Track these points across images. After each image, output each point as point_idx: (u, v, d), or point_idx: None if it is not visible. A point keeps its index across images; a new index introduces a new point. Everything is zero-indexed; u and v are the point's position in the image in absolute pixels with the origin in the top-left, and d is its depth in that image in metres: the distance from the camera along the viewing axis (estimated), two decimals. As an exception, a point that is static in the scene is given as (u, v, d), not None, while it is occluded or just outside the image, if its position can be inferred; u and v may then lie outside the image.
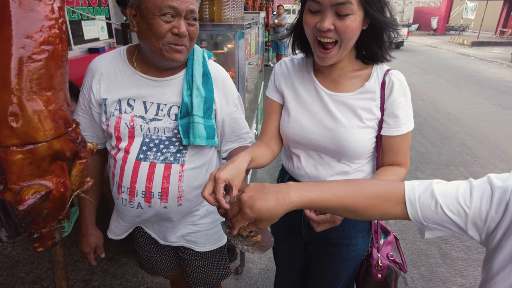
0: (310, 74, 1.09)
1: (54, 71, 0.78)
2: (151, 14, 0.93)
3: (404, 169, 1.07)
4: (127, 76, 1.09)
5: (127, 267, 2.30)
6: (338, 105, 1.03)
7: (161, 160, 1.09)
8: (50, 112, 0.78)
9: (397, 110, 1.00)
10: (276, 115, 1.15)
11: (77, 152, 0.87)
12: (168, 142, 1.10)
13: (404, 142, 1.04)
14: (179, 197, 1.14)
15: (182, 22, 0.96)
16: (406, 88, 1.01)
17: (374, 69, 1.03)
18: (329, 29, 0.88)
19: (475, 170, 4.03)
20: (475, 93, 7.74)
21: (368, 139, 1.03)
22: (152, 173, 1.09)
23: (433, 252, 2.65)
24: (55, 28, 0.77)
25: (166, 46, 0.97)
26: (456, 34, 21.66)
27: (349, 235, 1.16)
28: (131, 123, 1.08)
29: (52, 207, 0.84)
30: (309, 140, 1.07)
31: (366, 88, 1.01)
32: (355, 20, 0.88)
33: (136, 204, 1.12)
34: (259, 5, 6.68)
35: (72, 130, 0.84)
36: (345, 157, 1.06)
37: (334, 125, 1.03)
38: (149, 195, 1.10)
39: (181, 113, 1.07)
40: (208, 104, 1.10)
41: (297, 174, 1.16)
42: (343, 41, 0.90)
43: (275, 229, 1.35)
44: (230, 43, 2.17)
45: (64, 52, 0.82)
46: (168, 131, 1.10)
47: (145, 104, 1.08)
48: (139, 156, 1.08)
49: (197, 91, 1.07)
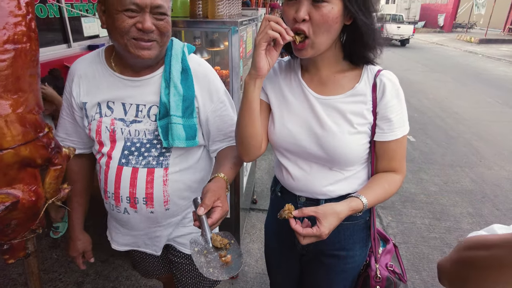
0: (297, 76, 1.02)
1: (22, 72, 0.72)
2: (115, 9, 0.88)
3: (400, 175, 1.01)
4: (105, 77, 1.04)
5: (121, 269, 2.26)
6: (327, 109, 0.96)
7: (143, 164, 1.04)
8: (17, 116, 0.72)
9: (391, 114, 0.93)
10: (263, 115, 1.07)
11: (50, 158, 0.81)
12: (150, 145, 1.05)
13: (399, 147, 0.97)
14: (165, 202, 1.08)
15: (147, 16, 0.89)
16: (399, 90, 0.94)
17: (364, 70, 0.96)
18: (305, 19, 0.83)
19: (481, 172, 3.94)
20: (482, 92, 7.60)
21: (360, 145, 0.96)
22: (135, 179, 1.04)
23: (436, 257, 2.57)
24: (21, 26, 0.71)
25: (131, 41, 0.91)
26: (463, 32, 21.35)
27: (345, 247, 1.09)
28: (111, 126, 1.03)
29: (22, 217, 0.79)
30: (298, 147, 1.01)
31: (357, 91, 0.94)
32: (332, 10, 0.82)
33: (123, 210, 1.09)
34: (262, 1, 6.60)
35: (43, 135, 0.79)
36: (336, 164, 0.99)
37: (323, 131, 0.96)
38: (134, 201, 1.06)
39: (160, 113, 1.01)
40: (188, 103, 1.03)
41: (288, 185, 1.10)
42: (316, 35, 0.85)
43: (269, 240, 1.30)
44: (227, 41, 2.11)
45: (34, 52, 0.76)
46: (149, 133, 1.04)
47: (124, 106, 1.03)
48: (121, 161, 1.04)
49: (175, 89, 1.01)
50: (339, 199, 1.03)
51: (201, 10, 1.61)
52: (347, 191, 1.03)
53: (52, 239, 2.53)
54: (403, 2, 24.62)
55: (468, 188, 3.60)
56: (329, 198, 1.04)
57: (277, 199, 1.18)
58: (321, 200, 1.05)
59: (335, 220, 0.86)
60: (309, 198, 1.07)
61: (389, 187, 0.98)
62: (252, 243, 2.61)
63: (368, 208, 0.93)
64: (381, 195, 0.96)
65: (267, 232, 1.31)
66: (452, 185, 3.66)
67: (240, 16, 1.99)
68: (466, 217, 3.10)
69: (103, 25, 0.95)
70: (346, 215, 0.88)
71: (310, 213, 0.85)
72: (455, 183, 3.69)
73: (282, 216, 0.86)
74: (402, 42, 16.28)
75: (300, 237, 0.86)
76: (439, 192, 3.52)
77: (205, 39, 2.12)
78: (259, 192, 3.32)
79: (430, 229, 2.91)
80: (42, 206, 0.84)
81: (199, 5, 1.60)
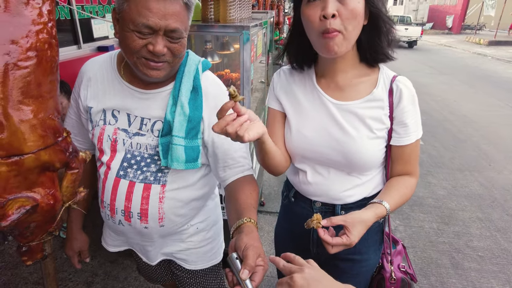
0: (312, 82, 1.02)
1: (42, 79, 0.74)
2: (126, 26, 0.84)
3: (414, 178, 1.03)
4: (113, 84, 1.02)
5: (130, 270, 2.28)
6: (345, 115, 0.97)
7: (140, 179, 1.01)
8: (38, 122, 0.74)
9: (407, 119, 0.95)
10: (280, 124, 1.09)
11: (68, 163, 0.83)
12: (150, 160, 1.01)
13: (413, 151, 1.00)
14: (160, 219, 1.05)
15: (159, 39, 0.85)
16: (414, 96, 0.96)
17: (380, 75, 0.97)
18: (334, 15, 0.80)
19: (490, 176, 3.89)
20: (491, 95, 7.51)
21: (379, 150, 0.98)
22: (131, 193, 1.01)
23: (444, 262, 2.55)
24: (43, 33, 0.73)
25: (141, 60, 0.88)
26: (472, 33, 21.13)
27: (360, 250, 1.10)
28: (114, 135, 1.01)
29: (40, 220, 0.80)
30: (316, 154, 1.01)
31: (374, 96, 0.96)
32: (358, 4, 0.82)
33: (117, 221, 1.06)
34: (270, 3, 6.60)
35: (62, 140, 0.80)
36: (355, 170, 1.00)
37: (343, 136, 0.96)
38: (128, 215, 1.03)
39: (163, 130, 0.97)
40: (193, 124, 0.98)
41: (304, 190, 1.10)
42: (347, 30, 0.83)
43: (281, 245, 1.29)
44: (237, 44, 2.12)
45: (54, 58, 0.77)
46: (150, 148, 1.01)
47: (129, 116, 1.00)
48: (119, 173, 1.01)
49: (181, 108, 0.96)
50: (355, 204, 1.05)
51: (212, 14, 1.63)
52: (362, 195, 1.05)
53: (62, 239, 2.56)
54: (411, 3, 24.47)
55: (477, 192, 3.57)
56: (345, 203, 1.05)
57: (290, 205, 1.18)
58: (337, 205, 1.06)
59: (363, 228, 0.86)
60: (324, 203, 1.08)
61: (407, 191, 1.00)
62: (260, 245, 2.61)
63: (389, 212, 0.94)
64: (400, 200, 0.97)
65: (278, 237, 1.31)
66: (460, 189, 3.63)
67: (250, 19, 2.00)
68: (475, 222, 3.07)
69: (116, 34, 0.92)
70: (372, 222, 0.88)
71: (340, 222, 0.85)
72: (464, 187, 3.66)
73: (310, 226, 0.86)
74: (409, 44, 16.17)
75: (329, 246, 0.85)
76: (448, 196, 3.50)
77: (216, 42, 2.14)
78: (267, 194, 3.32)
79: (439, 234, 2.89)
80: (59, 209, 0.85)
81: (210, 9, 1.62)
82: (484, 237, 2.85)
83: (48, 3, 0.75)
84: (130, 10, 0.82)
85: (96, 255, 2.37)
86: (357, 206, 1.03)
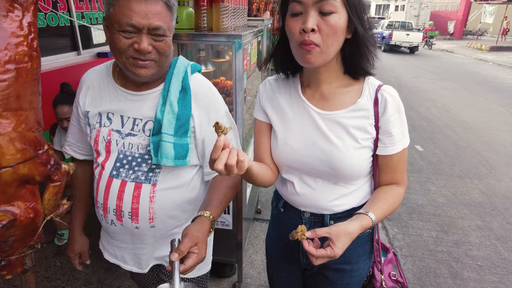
0: (297, 92, 1.02)
1: (22, 91, 0.73)
2: (114, 29, 0.91)
3: (402, 187, 1.03)
4: (109, 89, 1.08)
5: (124, 278, 2.26)
6: (330, 125, 0.97)
7: (131, 178, 1.04)
8: (17, 135, 0.73)
9: (392, 128, 0.95)
10: (266, 136, 1.09)
11: (49, 175, 0.82)
12: (141, 160, 1.05)
13: (400, 160, 0.99)
14: (151, 218, 1.07)
15: (143, 37, 0.91)
16: (399, 104, 0.96)
17: (366, 85, 0.97)
18: (313, 30, 0.82)
19: (491, 183, 3.86)
20: (492, 101, 7.48)
21: (365, 160, 0.98)
22: (122, 192, 1.04)
23: (443, 271, 2.52)
24: (23, 46, 0.72)
25: (129, 60, 0.93)
26: (474, 39, 21.13)
27: (350, 260, 1.09)
28: (108, 137, 1.05)
29: (20, 234, 0.79)
30: (302, 164, 1.01)
31: (359, 106, 0.95)
32: (340, 19, 0.82)
33: (110, 221, 1.09)
34: (270, 9, 6.62)
35: (43, 153, 0.79)
36: (341, 179, 1.00)
37: (328, 146, 0.96)
38: (120, 214, 1.06)
39: (154, 129, 1.02)
40: (182, 122, 1.02)
41: (292, 200, 1.10)
42: (326, 44, 0.84)
43: (272, 254, 1.29)
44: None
45: (36, 70, 0.77)
46: (142, 148, 1.04)
47: (122, 118, 1.05)
48: (112, 172, 1.05)
49: (170, 107, 1.01)
50: (344, 213, 1.04)
51: (205, 22, 1.62)
52: (351, 205, 1.04)
53: (57, 246, 2.55)
54: (413, 9, 24.55)
55: (477, 200, 3.53)
56: (334, 213, 1.04)
57: (280, 215, 1.18)
58: (326, 215, 1.05)
59: (348, 240, 0.85)
60: (313, 214, 1.07)
61: (394, 201, 0.99)
62: (256, 254, 2.59)
63: (376, 223, 0.93)
64: (387, 210, 0.97)
65: (269, 246, 1.30)
66: (460, 196, 3.59)
67: (245, 27, 2.00)
68: (475, 230, 3.03)
69: (107, 41, 0.97)
70: (357, 234, 0.88)
71: (323, 234, 0.84)
72: (463, 195, 3.62)
73: (295, 237, 0.85)
74: (411, 49, 16.15)
75: (313, 258, 0.85)
76: (447, 204, 3.46)
77: (211, 51, 2.13)
78: (264, 201, 3.30)
79: (437, 242, 2.86)
80: (40, 222, 0.84)
81: (203, 18, 1.61)
82: (484, 246, 2.81)
83: (29, 16, 0.75)
84: (115, 14, 0.89)
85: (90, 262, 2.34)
86: (346, 216, 1.02)
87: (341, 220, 0.99)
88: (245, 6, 2.05)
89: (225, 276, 2.30)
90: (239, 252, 2.07)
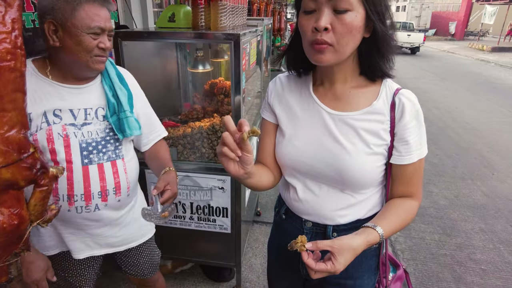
0: (308, 90, 0.96)
1: (5, 91, 0.69)
2: (80, 31, 1.03)
3: (417, 201, 0.95)
4: (45, 88, 1.11)
5: (120, 282, 2.22)
6: (341, 126, 0.90)
7: (105, 159, 1.18)
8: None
9: (409, 136, 0.88)
10: (271, 137, 1.03)
11: (35, 180, 0.78)
12: (104, 142, 1.19)
13: (416, 171, 0.92)
14: (128, 188, 1.25)
15: (106, 38, 1.09)
16: (418, 111, 0.89)
17: (383, 87, 0.90)
18: (326, 28, 0.76)
19: (493, 185, 3.81)
20: (494, 102, 7.43)
21: (376, 167, 0.90)
22: (103, 173, 1.17)
23: (446, 275, 2.47)
24: (6, 43, 0.68)
25: (93, 58, 1.09)
26: (475, 40, 21.08)
27: (353, 275, 1.02)
28: (63, 132, 1.12)
29: (3, 241, 0.75)
30: (307, 167, 0.95)
31: (374, 109, 0.89)
32: (356, 18, 0.76)
33: (94, 207, 1.18)
34: (271, 9, 6.59)
35: (28, 156, 0.75)
36: (349, 187, 0.93)
37: (336, 149, 0.90)
38: (105, 193, 1.19)
39: (110, 112, 1.18)
40: (131, 100, 1.24)
41: (294, 207, 1.04)
42: (340, 44, 0.78)
43: (272, 261, 1.23)
44: (231, 52, 2.08)
45: (19, 69, 0.73)
46: (100, 132, 1.18)
47: (72, 112, 1.14)
48: (83, 161, 1.14)
49: (121, 90, 1.21)
50: (348, 225, 0.97)
51: (203, 21, 1.58)
52: (357, 216, 0.97)
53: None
54: (414, 10, 24.50)
55: (480, 202, 3.48)
56: (338, 224, 0.97)
57: (281, 221, 1.12)
58: (329, 227, 0.98)
59: (351, 256, 0.79)
60: (315, 224, 1.01)
61: (406, 216, 0.91)
62: (255, 257, 2.55)
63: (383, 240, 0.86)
64: (397, 225, 0.89)
65: (271, 252, 1.25)
66: (463, 199, 3.55)
67: (244, 27, 1.96)
68: (478, 233, 2.98)
69: (55, 43, 1.04)
70: (362, 250, 0.81)
71: (325, 248, 0.78)
72: (466, 197, 3.58)
73: (294, 248, 0.80)
74: (412, 50, 16.11)
75: (311, 271, 0.79)
76: (450, 206, 3.42)
77: (209, 50, 2.10)
78: (263, 204, 3.26)
79: (440, 245, 2.81)
80: (26, 229, 0.80)
81: (201, 16, 1.57)
82: (487, 250, 2.76)
83: (13, 11, 0.70)
84: (81, 18, 1.03)
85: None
86: (351, 228, 0.96)
87: (345, 232, 0.93)
88: (245, 5, 2.02)
89: (224, 280, 2.26)
90: (237, 256, 2.03)
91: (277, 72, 5.50)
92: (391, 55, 0.86)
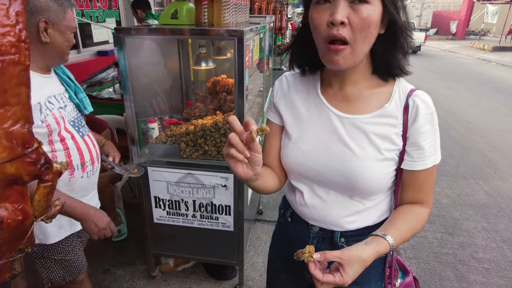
0: (316, 91, 0.91)
1: (9, 85, 0.68)
2: (68, 30, 1.25)
3: (427, 209, 0.91)
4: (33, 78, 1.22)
5: (122, 280, 2.22)
6: (350, 130, 0.85)
7: (87, 131, 1.42)
8: (3, 132, 0.68)
9: (423, 141, 0.83)
10: (276, 139, 0.99)
11: (39, 175, 0.77)
12: (79, 118, 1.40)
13: (428, 177, 0.87)
14: (97, 158, 1.45)
15: None
16: (433, 114, 0.84)
17: (396, 88, 0.85)
18: (343, 22, 0.71)
19: (496, 184, 3.80)
20: (496, 101, 7.41)
21: (388, 174, 0.85)
22: (92, 142, 1.41)
23: (448, 274, 2.46)
24: (9, 36, 0.67)
25: (68, 51, 1.31)
26: (477, 39, 21.02)
27: (359, 281, 0.97)
28: (59, 114, 1.29)
29: (7, 237, 0.74)
30: (314, 172, 0.90)
31: (386, 111, 0.84)
32: (374, 12, 0.71)
33: (90, 173, 1.40)
34: (272, 8, 6.58)
35: (32, 151, 0.74)
36: (358, 193, 0.88)
37: (345, 155, 0.85)
38: (92, 160, 1.41)
39: (71, 95, 1.38)
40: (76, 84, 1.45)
41: (300, 211, 1.00)
42: (357, 41, 0.73)
43: (275, 263, 1.18)
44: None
45: (23, 63, 0.72)
46: (73, 111, 1.38)
47: (55, 97, 1.31)
48: (79, 134, 1.36)
49: (70, 76, 1.42)
50: (356, 231, 0.94)
51: (206, 18, 1.57)
52: (365, 223, 0.93)
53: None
54: (415, 9, 24.45)
55: (483, 201, 3.47)
56: (345, 230, 0.94)
57: (287, 224, 1.07)
58: (336, 232, 0.95)
59: (360, 268, 0.76)
60: (323, 229, 0.97)
61: (417, 224, 0.88)
62: (257, 256, 2.54)
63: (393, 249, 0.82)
64: (408, 234, 0.85)
65: (272, 254, 1.20)
66: (465, 198, 3.54)
67: (247, 24, 1.95)
68: (480, 232, 2.97)
69: (46, 39, 1.20)
70: (372, 261, 0.78)
71: (335, 259, 0.75)
72: (468, 196, 3.57)
73: (301, 258, 0.76)
74: (413, 49, 16.04)
75: (318, 283, 0.75)
76: (452, 205, 3.41)
77: (212, 47, 2.09)
78: (265, 202, 3.25)
79: (442, 244, 2.80)
80: (30, 225, 0.79)
81: (204, 13, 1.56)
82: (490, 248, 2.75)
83: (17, 4, 0.70)
84: (69, 20, 1.25)
85: (88, 264, 2.30)
86: (359, 234, 0.93)
87: (353, 238, 0.90)
88: (247, 2, 2.01)
89: (226, 279, 2.26)
90: (240, 254, 2.02)
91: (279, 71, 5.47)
92: (408, 50, 0.82)
